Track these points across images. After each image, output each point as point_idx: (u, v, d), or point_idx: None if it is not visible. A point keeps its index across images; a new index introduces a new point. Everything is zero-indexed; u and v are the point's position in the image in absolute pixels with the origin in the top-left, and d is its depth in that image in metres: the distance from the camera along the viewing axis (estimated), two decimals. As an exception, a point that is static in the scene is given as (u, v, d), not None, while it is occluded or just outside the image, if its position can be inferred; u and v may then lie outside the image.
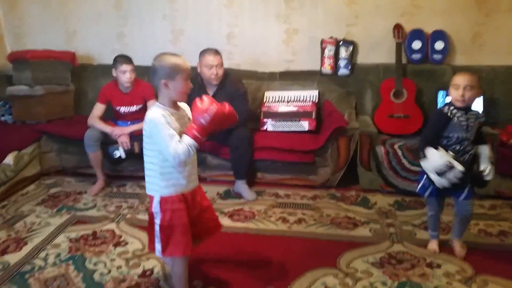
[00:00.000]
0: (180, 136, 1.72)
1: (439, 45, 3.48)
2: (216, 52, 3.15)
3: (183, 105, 1.92)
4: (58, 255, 2.38)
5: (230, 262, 2.32)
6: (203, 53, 3.15)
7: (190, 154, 1.71)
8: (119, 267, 2.26)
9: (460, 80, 2.08)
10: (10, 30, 4.25)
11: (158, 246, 1.83)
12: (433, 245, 2.37)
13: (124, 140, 3.15)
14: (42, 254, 2.38)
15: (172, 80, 1.75)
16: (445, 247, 2.38)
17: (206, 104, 1.73)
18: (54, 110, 3.68)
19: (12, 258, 2.35)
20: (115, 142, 3.19)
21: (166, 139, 1.69)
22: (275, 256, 2.36)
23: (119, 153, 3.17)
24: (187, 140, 1.70)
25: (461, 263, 2.25)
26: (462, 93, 2.06)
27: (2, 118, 3.64)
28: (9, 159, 3.08)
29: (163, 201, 1.80)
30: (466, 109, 2.11)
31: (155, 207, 1.81)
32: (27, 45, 4.13)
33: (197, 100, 1.76)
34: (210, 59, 3.10)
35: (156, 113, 1.73)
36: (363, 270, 2.19)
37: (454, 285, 2.07)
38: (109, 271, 2.22)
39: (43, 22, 4.17)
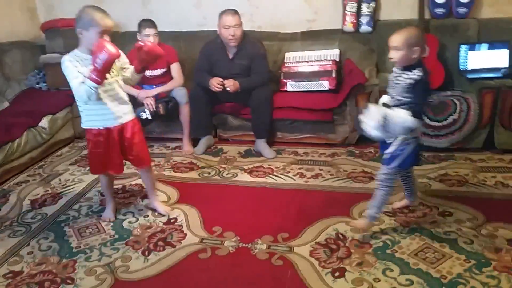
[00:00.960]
0: None
1: (464, -3, 3.37)
2: (235, 13, 3.19)
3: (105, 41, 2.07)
4: (91, 207, 2.59)
5: (247, 211, 2.45)
6: (221, 14, 3.20)
7: (91, 93, 1.97)
8: (146, 216, 2.44)
9: (389, 41, 1.95)
10: (41, 2, 4.43)
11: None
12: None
13: (149, 102, 3.28)
14: (76, 206, 2.60)
15: (86, 31, 2.01)
16: (461, 197, 2.42)
17: (100, 47, 1.89)
18: (86, 77, 3.85)
19: (49, 209, 2.58)
20: (141, 105, 3.34)
21: (70, 80, 2.02)
22: (291, 206, 2.47)
23: (145, 114, 3.31)
24: (87, 81, 1.94)
25: (474, 211, 2.28)
26: (389, 54, 1.95)
27: (37, 86, 3.86)
28: (44, 123, 3.30)
29: (86, 132, 2.21)
30: (408, 68, 1.92)
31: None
32: (58, 15, 4.29)
33: (96, 43, 1.94)
34: (228, 19, 3.15)
35: (65, 57, 2.05)
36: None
37: (463, 230, 2.12)
38: (137, 220, 2.41)
39: (72, -8, 4.32)
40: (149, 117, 3.33)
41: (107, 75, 2.01)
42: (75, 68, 2.01)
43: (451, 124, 2.98)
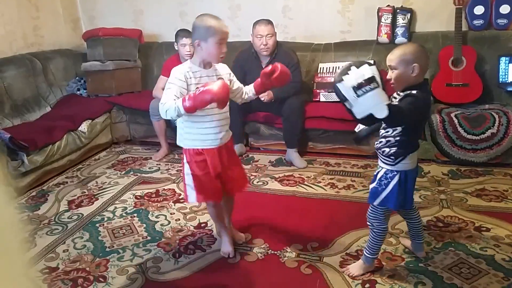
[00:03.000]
0: None
1: (504, 9, 3.29)
2: (268, 22, 3.23)
3: (221, 66, 2.00)
4: (125, 208, 2.66)
5: (277, 219, 2.45)
6: (255, 24, 3.25)
7: (172, 113, 1.75)
8: (177, 220, 2.48)
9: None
10: (85, 13, 4.63)
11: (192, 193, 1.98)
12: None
13: None
14: (111, 208, 2.67)
15: (204, 42, 1.83)
16: (500, 213, 2.33)
17: (213, 86, 1.70)
18: (124, 84, 3.99)
19: (85, 210, 2.66)
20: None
21: (166, 90, 1.85)
22: (321, 216, 2.45)
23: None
24: (178, 103, 1.73)
25: (513, 228, 2.19)
26: (389, 74, 1.72)
27: (78, 92, 4.02)
28: (84, 127, 3.42)
29: (187, 153, 1.96)
30: (408, 89, 1.70)
31: (185, 158, 1.98)
32: (99, 25, 4.46)
33: (212, 83, 1.74)
34: (261, 29, 3.19)
35: (177, 67, 1.90)
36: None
37: (502, 247, 2.04)
38: (169, 223, 2.45)
39: (113, 3, 4.49)
40: None
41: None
42: (178, 82, 1.84)
43: (489, 138, 2.89)
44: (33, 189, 2.97)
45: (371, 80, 1.51)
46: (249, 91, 2.09)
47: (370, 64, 1.57)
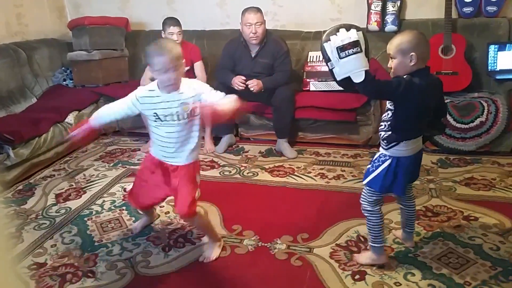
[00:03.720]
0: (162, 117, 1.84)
1: (494, -4, 3.28)
2: (257, 10, 3.18)
3: (189, 88, 1.86)
4: (113, 202, 2.63)
5: (267, 211, 2.44)
6: (244, 12, 3.19)
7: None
8: (167, 212, 2.46)
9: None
10: (70, 1, 4.52)
11: None
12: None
13: None
14: (99, 201, 2.64)
15: (153, 70, 1.81)
16: (488, 202, 2.35)
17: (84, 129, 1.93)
18: (111, 74, 3.92)
19: (73, 204, 2.62)
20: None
21: (118, 101, 1.96)
22: (311, 207, 2.45)
23: None
24: (93, 116, 1.99)
25: (501, 217, 2.21)
26: (390, 63, 1.73)
27: (64, 83, 3.95)
28: (70, 118, 3.37)
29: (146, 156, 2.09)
30: None
31: None
32: (85, 14, 4.36)
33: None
34: (250, 17, 3.14)
35: (139, 89, 1.92)
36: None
37: (489, 236, 2.06)
38: (158, 216, 2.43)
39: (99, -10, 4.40)
40: None
41: (170, 119, 1.84)
42: (130, 102, 1.90)
43: (478, 126, 2.90)
44: (19, 183, 2.92)
45: (355, 44, 1.56)
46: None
47: (358, 29, 1.63)
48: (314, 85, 3.51)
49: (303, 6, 3.89)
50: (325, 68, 3.40)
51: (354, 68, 1.56)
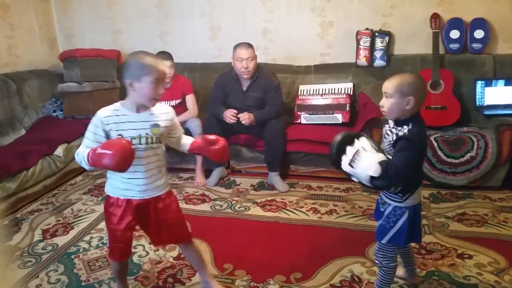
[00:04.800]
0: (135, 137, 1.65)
1: (478, 33, 3.38)
2: (248, 46, 3.22)
3: (160, 110, 1.74)
4: (101, 238, 2.56)
5: (259, 248, 2.40)
6: (235, 47, 3.24)
7: (84, 165, 1.60)
8: (156, 250, 2.40)
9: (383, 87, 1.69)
10: (62, 31, 4.55)
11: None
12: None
13: None
14: (87, 238, 2.57)
15: (137, 81, 1.61)
16: (481, 238, 2.34)
17: (113, 146, 1.52)
18: (102, 105, 3.74)
19: (60, 240, 2.55)
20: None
21: (83, 138, 1.66)
22: (304, 244, 2.41)
23: None
24: (85, 155, 1.57)
25: (495, 254, 2.20)
26: (382, 101, 1.67)
27: (54, 114, 3.92)
28: (59, 151, 3.32)
29: (106, 199, 1.77)
30: (399, 123, 1.65)
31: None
32: (77, 45, 4.39)
33: (116, 139, 1.60)
34: (242, 52, 3.18)
35: (100, 111, 1.67)
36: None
37: (484, 275, 2.03)
38: (147, 254, 2.37)
39: (92, 22, 4.43)
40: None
41: (137, 142, 1.66)
42: (96, 129, 1.64)
43: (469, 161, 2.93)
44: (5, 218, 2.85)
45: (357, 152, 1.59)
46: (185, 144, 1.89)
47: (357, 136, 1.65)
48: (305, 118, 3.53)
49: (293, 41, 3.96)
50: (316, 102, 3.50)
51: (366, 167, 1.55)
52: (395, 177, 1.56)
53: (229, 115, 3.19)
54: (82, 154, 1.60)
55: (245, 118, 3.16)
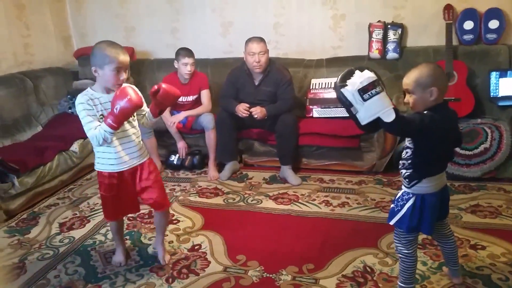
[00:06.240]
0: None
1: (493, 24, 3.33)
2: (260, 40, 3.23)
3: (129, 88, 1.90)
4: (117, 231, 2.61)
5: (272, 240, 2.42)
6: (247, 41, 3.25)
7: (107, 138, 1.85)
8: (170, 242, 2.44)
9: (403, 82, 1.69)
10: (76, 30, 4.62)
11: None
12: None
13: (182, 148, 3.55)
14: (103, 230, 2.63)
15: (100, 69, 1.86)
16: (495, 230, 2.33)
17: (122, 95, 1.79)
18: (115, 102, 3.95)
19: (77, 233, 2.62)
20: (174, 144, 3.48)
21: (85, 125, 1.87)
22: (316, 236, 2.43)
23: (175, 159, 3.56)
24: (103, 126, 1.82)
25: (509, 245, 2.18)
26: (407, 98, 1.67)
27: (69, 111, 3.98)
28: (75, 147, 3.38)
29: (99, 174, 2.05)
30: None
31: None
32: (91, 43, 4.41)
33: (119, 89, 1.85)
34: (253, 46, 3.19)
35: (78, 98, 1.90)
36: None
37: (497, 266, 2.02)
38: (161, 246, 2.41)
39: (105, 20, 4.48)
40: (177, 163, 3.53)
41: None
42: (88, 111, 1.87)
43: (482, 153, 2.90)
44: (23, 212, 2.92)
45: (375, 83, 1.49)
46: (147, 113, 2.08)
47: (370, 70, 1.55)
48: (317, 112, 3.53)
49: (305, 35, 3.95)
50: (328, 95, 3.48)
51: (382, 108, 1.48)
52: (402, 128, 1.58)
53: (242, 109, 3.21)
54: (99, 130, 1.82)
55: (257, 112, 3.18)
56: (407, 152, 1.70)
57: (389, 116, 1.48)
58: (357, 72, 1.53)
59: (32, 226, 2.73)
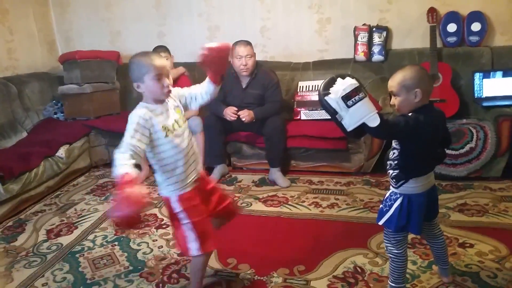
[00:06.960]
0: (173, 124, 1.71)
1: (475, 26, 3.40)
2: (247, 43, 3.25)
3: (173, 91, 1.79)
4: (105, 237, 2.58)
5: (262, 242, 2.42)
6: (234, 45, 3.25)
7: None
8: (160, 247, 2.42)
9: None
10: (61, 34, 4.57)
11: (194, 244, 1.76)
12: None
13: None
14: (91, 237, 2.59)
15: (141, 82, 1.68)
16: (482, 228, 2.36)
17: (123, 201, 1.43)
18: (102, 107, 3.93)
19: (65, 240, 2.57)
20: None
21: (126, 137, 1.62)
22: (306, 237, 2.43)
23: None
24: (122, 168, 1.55)
25: (496, 243, 2.22)
26: (392, 100, 1.69)
27: (55, 116, 3.94)
28: (61, 152, 3.34)
29: (181, 200, 1.76)
30: None
31: (176, 207, 1.77)
32: (76, 47, 4.40)
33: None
34: (240, 49, 3.21)
35: (135, 111, 1.68)
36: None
37: (486, 263, 2.05)
38: (151, 250, 2.39)
39: (90, 24, 4.45)
40: None
41: (176, 126, 1.74)
42: (138, 127, 1.63)
43: (468, 152, 2.94)
44: (9, 219, 2.87)
45: (358, 89, 1.49)
46: (206, 85, 1.85)
47: (351, 76, 1.56)
48: (304, 114, 3.55)
49: (291, 38, 3.98)
50: (315, 97, 3.50)
51: (366, 113, 1.49)
52: (388, 131, 1.60)
53: (230, 113, 3.21)
54: (122, 161, 1.56)
55: (245, 115, 3.19)
56: (394, 153, 1.72)
57: (374, 121, 1.50)
58: (339, 79, 1.53)
59: (18, 234, 2.68)
